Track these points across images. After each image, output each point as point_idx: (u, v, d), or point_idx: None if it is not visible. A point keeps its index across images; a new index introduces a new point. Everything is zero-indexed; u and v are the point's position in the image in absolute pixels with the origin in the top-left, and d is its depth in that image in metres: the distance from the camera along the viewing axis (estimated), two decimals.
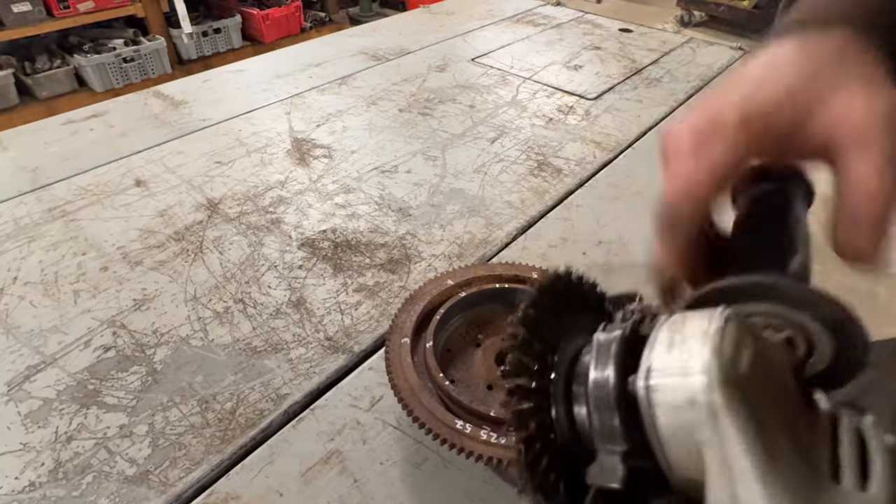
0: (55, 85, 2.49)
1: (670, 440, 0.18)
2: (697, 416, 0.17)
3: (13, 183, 0.78)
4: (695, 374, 0.18)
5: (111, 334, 0.55)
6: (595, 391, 0.20)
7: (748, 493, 0.16)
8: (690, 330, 0.19)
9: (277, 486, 0.43)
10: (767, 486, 0.16)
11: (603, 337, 0.22)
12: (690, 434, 0.18)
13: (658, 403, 0.18)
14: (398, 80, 1.09)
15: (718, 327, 0.19)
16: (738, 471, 0.17)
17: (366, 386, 0.51)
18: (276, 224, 0.70)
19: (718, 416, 0.17)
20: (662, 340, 0.20)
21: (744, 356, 0.18)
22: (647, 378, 0.19)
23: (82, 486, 0.43)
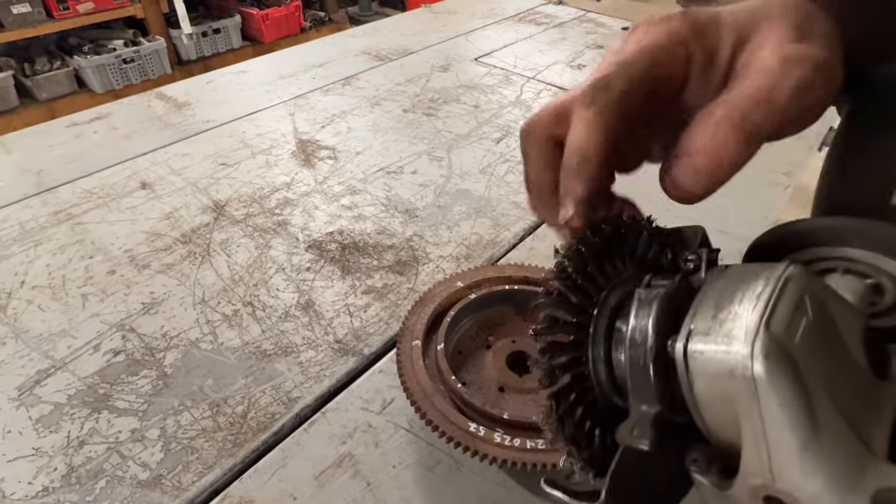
0: (55, 86, 2.48)
1: (708, 407, 0.18)
2: (737, 387, 0.16)
3: (18, 186, 0.78)
4: (738, 343, 0.16)
5: (120, 338, 0.55)
6: (632, 349, 0.19)
7: (784, 467, 0.16)
8: (742, 289, 0.17)
9: (291, 490, 0.43)
10: (806, 463, 0.15)
11: (645, 293, 0.20)
12: (729, 403, 0.17)
13: (696, 371, 0.17)
14: (402, 81, 1.08)
15: (773, 290, 0.17)
16: (775, 443, 0.16)
17: (377, 389, 0.51)
18: (283, 226, 0.70)
19: (760, 391, 0.16)
20: (710, 299, 0.18)
21: (799, 326, 0.16)
22: (688, 341, 0.18)
23: (96, 491, 0.43)
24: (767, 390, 0.16)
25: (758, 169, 0.83)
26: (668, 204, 0.26)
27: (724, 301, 0.18)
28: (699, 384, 0.18)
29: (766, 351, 0.16)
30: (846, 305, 0.19)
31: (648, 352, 0.19)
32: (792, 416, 0.16)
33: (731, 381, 0.17)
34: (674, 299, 0.19)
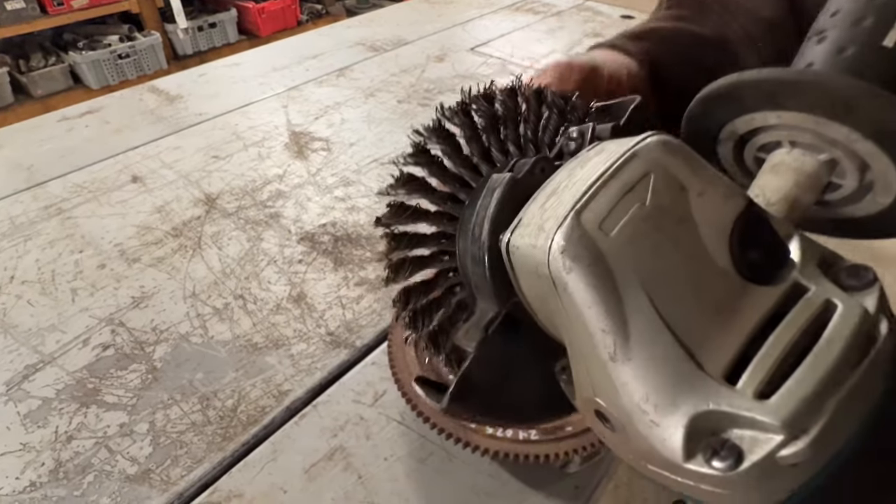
0: (50, 83, 2.47)
1: (538, 308, 0.16)
2: (544, 288, 0.14)
3: (8, 181, 0.77)
4: (543, 236, 0.14)
5: (110, 332, 0.55)
6: (472, 244, 0.17)
7: (599, 380, 0.14)
8: (582, 171, 0.15)
9: (281, 483, 0.43)
10: (617, 377, 0.14)
11: (497, 176, 0.17)
12: (546, 304, 0.15)
13: (517, 267, 0.16)
14: (396, 71, 1.07)
15: (606, 170, 0.14)
16: (586, 353, 0.14)
17: (368, 381, 0.50)
18: (275, 218, 0.69)
19: (559, 293, 0.14)
20: (552, 184, 0.16)
21: (624, 215, 0.14)
22: (512, 234, 0.16)
23: (83, 486, 0.42)
24: (565, 293, 0.14)
25: None
26: None
27: (560, 186, 0.15)
28: (522, 282, 0.16)
29: (565, 246, 0.14)
30: (720, 186, 0.15)
31: (482, 246, 0.17)
32: (593, 323, 0.13)
33: (538, 280, 0.15)
34: (521, 187, 0.17)
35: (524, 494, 0.42)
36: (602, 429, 0.15)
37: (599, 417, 0.15)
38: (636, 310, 0.13)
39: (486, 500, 0.42)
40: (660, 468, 0.14)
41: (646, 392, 0.13)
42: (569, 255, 0.14)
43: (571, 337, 0.14)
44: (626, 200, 0.14)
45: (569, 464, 0.42)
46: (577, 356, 0.15)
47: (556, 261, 0.14)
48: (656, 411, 0.13)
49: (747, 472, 0.12)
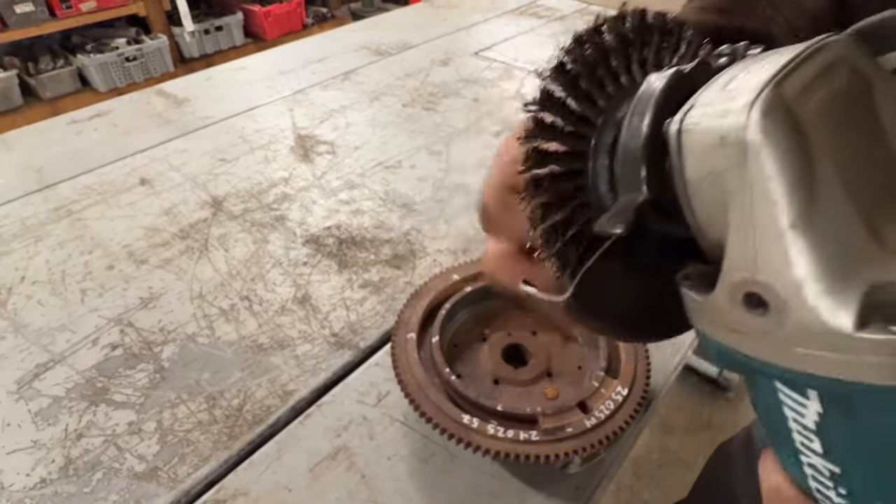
0: (59, 85, 2.49)
1: (696, 191, 0.15)
2: (728, 156, 0.14)
3: (19, 183, 0.78)
4: (737, 103, 0.14)
5: (118, 332, 0.56)
6: (627, 138, 0.17)
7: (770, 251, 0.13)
8: (764, 62, 0.15)
9: (286, 482, 0.43)
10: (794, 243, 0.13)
11: (656, 76, 0.17)
12: (718, 181, 0.14)
13: (688, 147, 0.15)
14: (401, 75, 1.08)
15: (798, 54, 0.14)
16: (762, 223, 0.14)
17: (372, 382, 0.51)
18: (281, 221, 0.70)
19: (750, 155, 0.13)
20: (724, 77, 0.15)
21: (818, 91, 0.14)
22: (684, 117, 0.15)
23: (92, 483, 0.43)
24: (760, 153, 0.13)
25: None
26: None
27: (739, 72, 0.15)
28: (690, 163, 0.15)
29: (766, 108, 0.13)
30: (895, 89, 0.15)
31: (643, 133, 0.16)
32: (785, 183, 0.13)
33: (722, 149, 0.14)
34: (686, 78, 0.17)
35: (525, 494, 0.43)
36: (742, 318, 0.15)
37: (748, 303, 0.15)
38: (824, 180, 0.13)
39: (488, 499, 0.42)
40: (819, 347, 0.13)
41: (824, 261, 0.13)
42: (771, 118, 0.13)
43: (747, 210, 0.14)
44: (818, 81, 0.14)
45: (569, 464, 0.43)
46: (745, 231, 0.14)
47: (756, 124, 0.13)
48: (833, 280, 0.13)
49: None
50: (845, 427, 0.15)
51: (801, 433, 0.16)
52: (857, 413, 0.14)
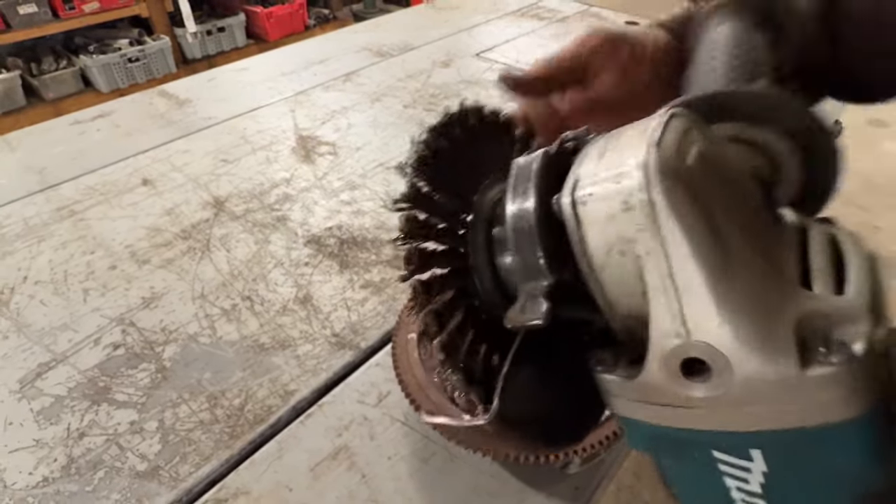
0: (61, 86, 2.50)
1: (604, 265, 0.15)
2: (635, 221, 0.14)
3: (22, 183, 0.79)
4: (630, 172, 0.14)
5: (120, 332, 0.56)
6: (514, 221, 0.16)
7: (698, 312, 0.13)
8: (627, 136, 0.16)
9: (287, 482, 0.44)
10: (722, 299, 0.13)
11: (523, 160, 0.17)
12: (629, 251, 0.14)
13: (588, 218, 0.15)
14: (402, 77, 1.08)
15: (659, 122, 0.15)
16: (685, 284, 0.13)
17: (373, 382, 0.51)
18: (282, 221, 0.71)
19: (660, 217, 0.14)
20: (593, 152, 0.16)
21: (690, 150, 0.15)
22: (574, 191, 0.15)
23: (94, 482, 0.44)
24: (668, 214, 0.14)
25: None
26: None
27: (609, 145, 0.16)
28: (592, 235, 0.15)
29: (662, 169, 0.14)
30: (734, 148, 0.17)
31: (532, 215, 0.16)
32: (698, 242, 0.13)
33: (627, 215, 0.14)
34: (555, 160, 0.17)
35: (525, 494, 0.43)
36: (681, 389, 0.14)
37: (686, 372, 0.14)
38: (727, 231, 0.14)
39: (488, 499, 0.43)
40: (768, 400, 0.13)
41: (753, 310, 0.13)
42: (668, 175, 0.14)
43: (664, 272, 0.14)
44: (685, 141, 0.15)
45: (569, 465, 0.43)
46: (668, 294, 0.14)
47: (655, 184, 0.14)
48: (766, 326, 0.13)
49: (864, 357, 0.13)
50: (793, 479, 0.14)
51: (746, 500, 0.15)
52: (807, 460, 0.14)
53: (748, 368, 0.13)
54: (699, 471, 0.15)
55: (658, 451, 0.16)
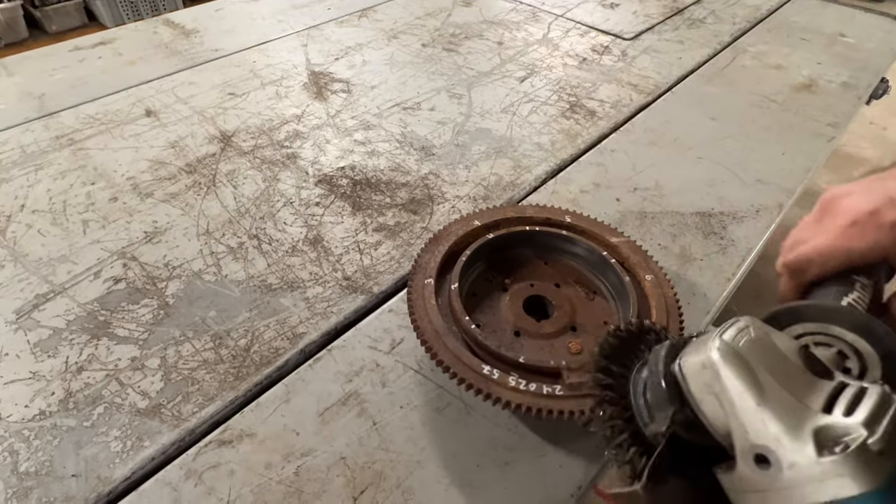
0: (65, 18, 2.41)
1: (701, 399, 0.25)
2: (710, 374, 0.25)
3: (20, 110, 0.75)
4: (705, 349, 0.26)
5: (121, 266, 0.53)
6: (651, 377, 0.28)
7: (752, 424, 0.23)
8: (709, 334, 0.27)
9: (294, 426, 0.41)
10: (762, 416, 0.23)
11: (659, 346, 0.29)
12: (711, 388, 0.25)
13: (688, 374, 0.26)
14: (421, 14, 1.02)
15: (727, 324, 0.27)
16: (742, 409, 0.24)
17: (385, 328, 0.49)
18: (292, 159, 0.67)
19: (721, 372, 0.25)
20: (695, 342, 0.28)
21: (742, 339, 0.25)
22: (681, 360, 0.27)
23: (93, 417, 0.42)
24: (723, 371, 0.25)
25: (804, 119, 0.77)
26: None
27: (701, 337, 0.27)
28: (691, 383, 0.26)
29: (719, 347, 0.25)
30: (785, 338, 0.27)
31: (660, 373, 0.27)
32: (743, 385, 0.24)
33: (705, 371, 0.25)
34: (676, 346, 0.28)
35: (543, 450, 0.41)
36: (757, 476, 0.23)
37: (758, 461, 0.23)
38: (765, 380, 0.24)
39: (505, 453, 0.40)
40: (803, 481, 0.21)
41: (784, 420, 0.23)
42: (722, 350, 0.25)
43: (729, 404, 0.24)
44: (741, 334, 0.26)
45: (592, 421, 0.41)
46: (736, 417, 0.24)
47: (715, 354, 0.25)
48: (794, 430, 0.23)
49: (856, 452, 0.21)
50: None
51: None
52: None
53: (787, 456, 0.22)
54: None
55: None
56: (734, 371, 0.24)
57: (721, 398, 0.24)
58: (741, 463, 0.23)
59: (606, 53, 0.91)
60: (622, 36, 0.96)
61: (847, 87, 0.84)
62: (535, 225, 0.52)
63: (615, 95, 0.80)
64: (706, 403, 0.24)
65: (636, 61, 0.89)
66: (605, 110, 0.77)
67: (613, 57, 0.90)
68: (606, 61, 0.89)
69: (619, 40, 0.95)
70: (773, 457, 0.22)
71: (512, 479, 0.39)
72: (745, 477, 0.23)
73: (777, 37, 0.98)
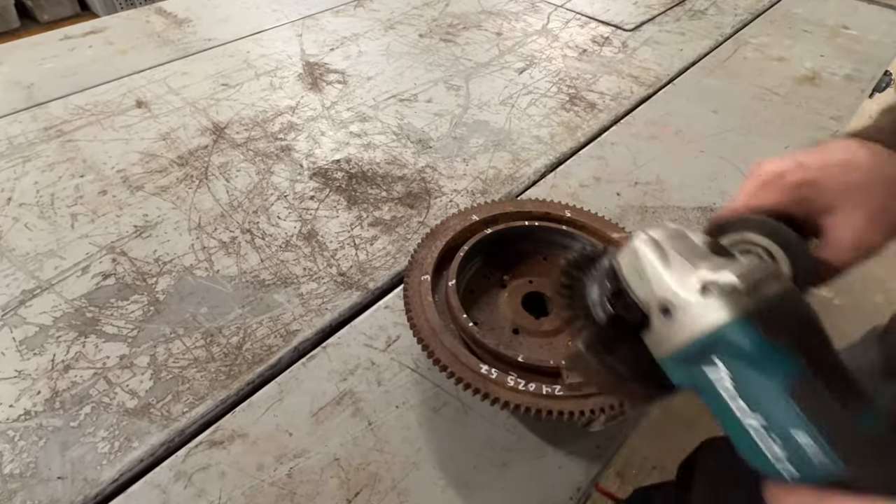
0: (56, 8, 2.38)
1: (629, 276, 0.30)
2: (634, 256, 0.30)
3: (7, 100, 0.73)
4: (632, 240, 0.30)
5: (111, 261, 0.52)
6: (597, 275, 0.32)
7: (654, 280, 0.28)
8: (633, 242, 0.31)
9: (286, 426, 0.40)
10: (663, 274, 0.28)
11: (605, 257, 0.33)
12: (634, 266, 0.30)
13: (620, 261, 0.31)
14: (418, 4, 1.00)
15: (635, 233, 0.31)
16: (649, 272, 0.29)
17: (381, 325, 0.48)
18: (287, 152, 0.65)
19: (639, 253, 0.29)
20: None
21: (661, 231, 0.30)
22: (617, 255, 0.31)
23: (80, 417, 0.41)
24: (641, 250, 0.29)
25: (807, 112, 0.76)
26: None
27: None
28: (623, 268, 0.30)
29: (641, 237, 0.30)
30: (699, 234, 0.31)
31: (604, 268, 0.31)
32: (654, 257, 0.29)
33: (630, 255, 0.30)
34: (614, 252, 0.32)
35: (542, 451, 0.40)
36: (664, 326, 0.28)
37: (664, 313, 0.28)
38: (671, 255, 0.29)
39: (503, 454, 0.40)
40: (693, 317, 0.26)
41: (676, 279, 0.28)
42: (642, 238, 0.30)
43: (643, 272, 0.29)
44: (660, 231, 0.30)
45: (592, 422, 0.40)
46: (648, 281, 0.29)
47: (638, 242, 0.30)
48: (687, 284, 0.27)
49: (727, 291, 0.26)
50: (741, 375, 0.26)
51: (732, 401, 0.26)
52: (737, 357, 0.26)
53: (681, 303, 0.27)
54: (705, 388, 0.27)
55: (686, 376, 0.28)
56: (650, 250, 0.29)
57: (640, 271, 0.29)
58: (654, 319, 0.28)
59: (607, 45, 0.89)
60: (622, 27, 0.95)
61: (850, 80, 0.83)
62: (534, 220, 0.50)
63: (615, 87, 0.79)
64: (632, 280, 0.29)
65: (637, 53, 0.88)
66: (605, 102, 0.76)
67: (614, 48, 0.89)
68: (607, 53, 0.87)
69: (619, 31, 0.94)
70: (672, 305, 0.27)
71: (510, 480, 0.38)
72: (657, 330, 0.28)
73: (779, 28, 0.97)
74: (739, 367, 0.25)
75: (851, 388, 0.25)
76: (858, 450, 0.24)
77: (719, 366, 0.26)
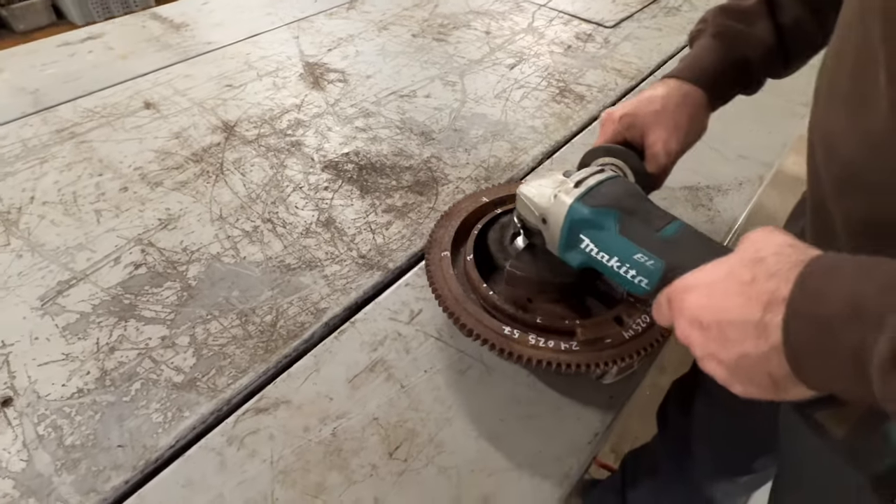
0: (32, 16, 2.35)
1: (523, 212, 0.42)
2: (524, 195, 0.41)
3: (15, 104, 0.75)
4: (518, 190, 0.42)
5: (140, 252, 0.55)
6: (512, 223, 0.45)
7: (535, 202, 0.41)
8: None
9: (326, 392, 0.44)
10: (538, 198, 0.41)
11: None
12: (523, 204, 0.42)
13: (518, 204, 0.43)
14: (409, 5, 1.04)
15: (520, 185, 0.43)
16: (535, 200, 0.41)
17: (403, 301, 0.51)
18: (297, 146, 0.68)
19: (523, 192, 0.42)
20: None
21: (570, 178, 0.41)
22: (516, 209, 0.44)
23: (132, 393, 0.43)
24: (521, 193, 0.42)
25: (778, 101, 0.82)
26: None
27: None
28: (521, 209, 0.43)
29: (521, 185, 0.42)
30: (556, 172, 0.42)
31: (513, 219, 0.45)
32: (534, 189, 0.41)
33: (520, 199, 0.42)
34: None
35: (560, 403, 0.44)
36: (547, 229, 0.41)
37: (544, 222, 0.40)
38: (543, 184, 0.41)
39: (526, 407, 0.44)
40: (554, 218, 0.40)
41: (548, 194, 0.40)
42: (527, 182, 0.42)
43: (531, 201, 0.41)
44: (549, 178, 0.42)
45: (605, 374, 0.44)
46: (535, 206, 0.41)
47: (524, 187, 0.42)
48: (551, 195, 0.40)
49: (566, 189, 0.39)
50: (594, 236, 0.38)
51: (599, 255, 0.38)
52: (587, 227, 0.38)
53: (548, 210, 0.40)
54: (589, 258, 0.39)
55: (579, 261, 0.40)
56: (526, 191, 0.41)
57: (525, 207, 0.41)
58: (543, 230, 0.41)
59: (590, 41, 0.95)
60: (603, 24, 1.00)
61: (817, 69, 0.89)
62: None
63: (601, 80, 0.84)
64: (525, 214, 0.42)
65: (618, 48, 0.93)
66: (592, 94, 0.81)
67: (596, 44, 0.94)
68: (590, 48, 0.92)
69: (600, 28, 0.99)
70: (546, 214, 0.40)
71: (534, 429, 0.42)
72: (547, 236, 0.41)
73: None
74: (592, 233, 0.38)
75: (656, 217, 0.37)
76: (667, 248, 0.35)
77: (584, 238, 0.38)
